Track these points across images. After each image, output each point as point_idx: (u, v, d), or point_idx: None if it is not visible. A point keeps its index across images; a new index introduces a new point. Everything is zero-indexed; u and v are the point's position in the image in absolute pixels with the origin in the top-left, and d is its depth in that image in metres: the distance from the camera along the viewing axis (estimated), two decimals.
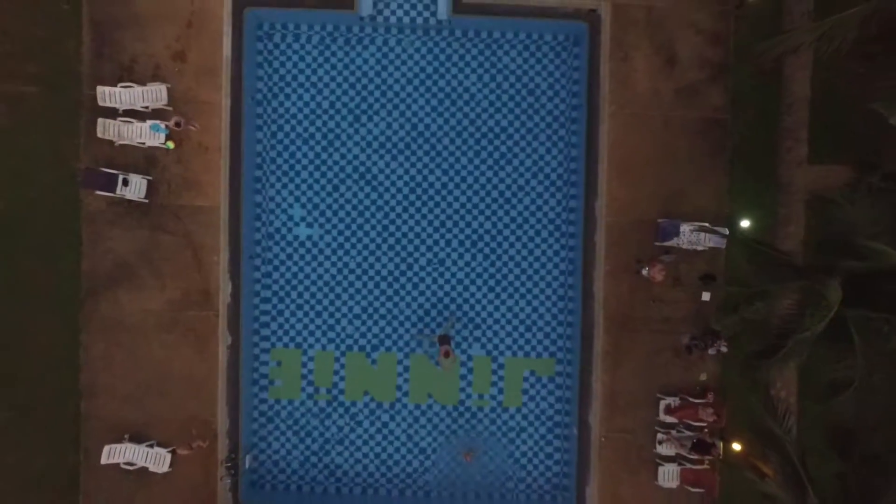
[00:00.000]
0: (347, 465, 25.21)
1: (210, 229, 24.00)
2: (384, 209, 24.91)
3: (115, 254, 24.00)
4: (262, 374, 25.14)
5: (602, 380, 24.18)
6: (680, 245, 23.36)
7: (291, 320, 25.12)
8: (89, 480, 24.13)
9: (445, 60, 24.76)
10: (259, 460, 25.10)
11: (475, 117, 24.83)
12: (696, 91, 23.80)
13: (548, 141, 24.88)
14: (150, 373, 24.14)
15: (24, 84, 23.74)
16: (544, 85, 24.81)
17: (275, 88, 24.73)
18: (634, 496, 24.18)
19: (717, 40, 23.79)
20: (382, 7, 24.37)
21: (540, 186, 24.98)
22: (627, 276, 23.85)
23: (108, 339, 24.10)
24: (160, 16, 23.72)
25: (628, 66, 23.84)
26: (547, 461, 25.16)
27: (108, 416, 24.11)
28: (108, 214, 23.90)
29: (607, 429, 24.25)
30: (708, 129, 23.85)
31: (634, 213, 23.80)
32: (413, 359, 25.28)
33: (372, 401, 25.23)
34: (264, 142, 24.76)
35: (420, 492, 25.04)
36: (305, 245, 25.03)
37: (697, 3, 23.71)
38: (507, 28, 24.46)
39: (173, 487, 24.18)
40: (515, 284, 25.14)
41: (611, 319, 24.08)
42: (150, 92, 23.48)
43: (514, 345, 25.17)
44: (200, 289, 24.08)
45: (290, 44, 24.67)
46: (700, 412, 23.41)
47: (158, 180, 23.79)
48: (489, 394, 25.20)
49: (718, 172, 23.78)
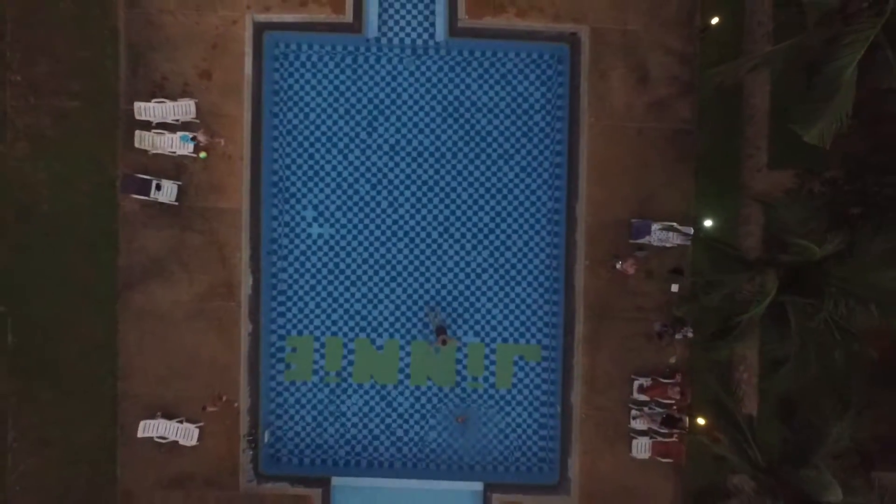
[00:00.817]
0: (356, 440, 28.08)
1: (233, 229, 26.88)
2: (388, 210, 27.75)
3: (149, 251, 26.90)
4: (278, 358, 28.01)
5: (582, 363, 27.02)
6: (651, 242, 26.18)
7: (305, 310, 27.99)
8: (126, 452, 27.03)
9: (443, 77, 27.61)
10: (276, 435, 27.98)
11: (469, 128, 27.67)
12: (666, 105, 26.61)
13: (535, 149, 27.74)
14: (179, 357, 27.01)
15: (69, 100, 26.64)
16: (531, 99, 27.67)
17: (290, 102, 27.61)
18: (611, 466, 27.01)
19: (684, 60, 26.61)
20: (386, 30, 27.27)
21: (528, 190, 27.85)
22: (605, 270, 26.68)
23: (142, 328, 26.99)
24: (189, 39, 26.62)
25: (605, 82, 26.68)
26: (534, 436, 28.02)
27: (142, 395, 27.01)
28: (142, 216, 26.80)
29: (587, 407, 27.08)
30: (676, 139, 26.64)
31: (611, 213, 26.64)
32: (414, 345, 28.15)
33: (377, 382, 28.09)
34: (281, 150, 27.63)
35: (420, 463, 27.90)
36: (317, 242, 27.91)
37: (666, 27, 26.50)
38: (497, 49, 27.33)
39: (201, 459, 27.05)
40: (506, 278, 27.99)
41: (590, 309, 26.92)
42: (179, 107, 26.40)
43: (504, 332, 28.02)
44: (224, 282, 26.97)
45: (303, 62, 27.56)
46: (669, 391, 26.27)
47: (187, 185, 26.68)
48: (482, 376, 28.06)
49: (686, 177, 26.57)
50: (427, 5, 27.10)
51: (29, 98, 26.54)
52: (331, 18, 26.63)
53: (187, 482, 27.04)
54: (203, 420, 26.78)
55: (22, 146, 26.59)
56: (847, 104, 17.43)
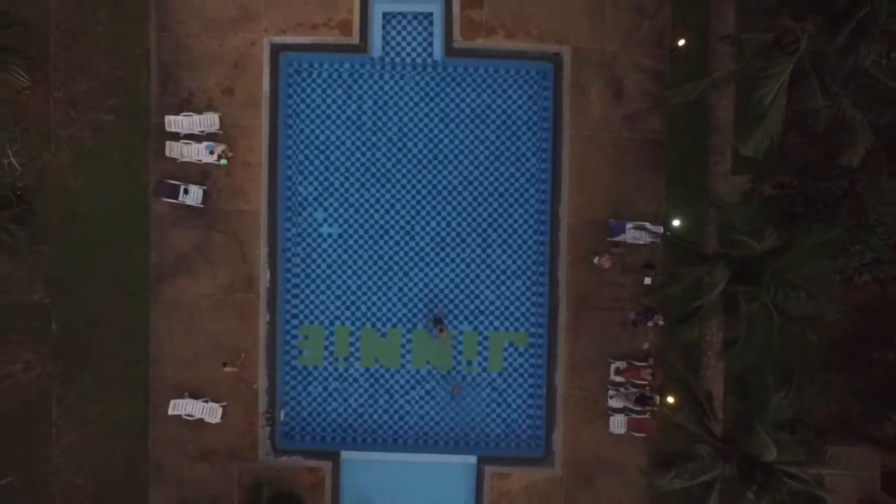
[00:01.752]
0: (362, 418, 31.19)
1: (252, 228, 30.03)
2: (391, 211, 30.83)
3: (177, 248, 30.05)
4: (293, 345, 31.13)
5: (565, 348, 30.10)
6: (626, 240, 29.25)
7: (316, 301, 31.10)
8: (157, 428, 30.15)
9: (440, 91, 30.67)
10: (291, 414, 31.09)
11: (464, 137, 30.72)
12: (639, 117, 29.66)
13: (522, 156, 30.78)
14: (204, 343, 30.15)
15: (105, 114, 29.78)
16: (519, 112, 30.74)
17: (303, 115, 30.70)
18: (591, 440, 30.08)
19: (655, 77, 29.67)
20: (389, 50, 30.40)
21: (517, 193, 30.89)
22: (584, 265, 29.77)
23: (171, 317, 30.13)
24: (213, 59, 29.77)
25: (585, 97, 29.76)
26: (522, 415, 31.09)
27: (171, 377, 30.14)
28: (171, 217, 29.95)
29: (569, 387, 30.16)
30: (649, 147, 29.68)
31: (590, 214, 29.71)
32: (415, 334, 31.24)
33: (381, 367, 31.20)
34: (294, 158, 30.75)
35: (421, 439, 30.99)
36: (327, 241, 31.03)
37: (639, 47, 29.56)
38: (489, 67, 30.41)
39: (223, 434, 30.17)
40: (497, 273, 31.05)
41: (572, 300, 30.00)
42: (205, 119, 29.55)
43: (496, 321, 31.09)
44: (245, 276, 30.13)
45: (315, 79, 30.67)
46: (642, 373, 29.32)
47: (211, 189, 29.81)
48: (476, 361, 31.13)
49: (657, 182, 29.61)
50: (425, 28, 30.23)
51: (70, 112, 29.66)
52: (339, 40, 29.80)
53: (211, 455, 30.18)
54: (224, 398, 29.90)
55: (64, 155, 29.72)
56: (776, 123, 20.50)
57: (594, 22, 29.55)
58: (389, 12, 30.15)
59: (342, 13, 29.72)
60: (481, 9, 29.70)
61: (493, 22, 29.71)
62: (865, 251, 23.79)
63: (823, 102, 20.27)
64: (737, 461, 23.09)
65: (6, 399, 29.82)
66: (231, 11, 29.68)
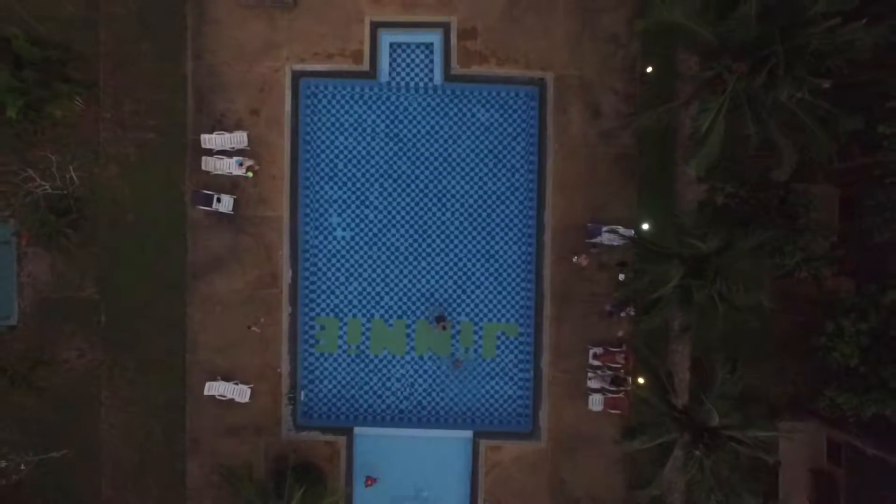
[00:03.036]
0: (372, 399, 35.46)
1: (276, 232, 34.33)
2: (397, 217, 35.08)
3: (211, 250, 34.33)
4: (311, 335, 35.41)
5: (549, 337, 34.35)
6: (602, 242, 33.48)
7: (331, 296, 35.36)
8: (193, 407, 34.42)
9: (440, 111, 34.91)
10: (309, 395, 35.37)
11: (461, 151, 34.94)
12: (613, 134, 33.82)
13: (512, 168, 35.00)
14: (234, 333, 34.41)
15: (148, 132, 33.99)
16: (509, 129, 34.96)
17: (320, 133, 34.94)
18: (573, 417, 34.31)
19: (627, 99, 33.88)
20: (395, 76, 34.68)
21: (507, 200, 35.10)
22: (566, 263, 34.02)
23: (206, 310, 34.41)
24: (241, 84, 34.04)
25: (566, 117, 33.99)
26: (512, 395, 35.35)
27: (205, 363, 34.42)
28: (205, 222, 34.22)
29: (554, 371, 34.41)
30: (622, 160, 33.89)
31: (570, 219, 33.94)
32: (418, 324, 35.49)
33: (389, 353, 35.48)
34: (312, 170, 35.01)
35: (424, 416, 35.27)
36: (341, 243, 35.29)
37: (613, 73, 33.73)
38: (483, 90, 34.66)
39: (252, 412, 34.44)
40: (490, 271, 35.28)
41: (555, 294, 34.25)
42: (235, 137, 33.81)
43: (489, 313, 35.34)
44: (270, 274, 34.42)
45: (330, 101, 34.92)
46: (617, 357, 33.58)
47: (241, 198, 34.08)
48: (472, 348, 35.39)
49: (629, 191, 33.78)
50: (427, 56, 34.52)
51: (117, 131, 33.92)
52: (352, 67, 34.11)
53: (241, 431, 34.47)
54: (252, 380, 34.20)
55: (112, 168, 34.00)
56: (717, 146, 24.78)
57: (573, 51, 33.78)
58: (395, 42, 34.43)
59: (354, 44, 34.01)
60: (476, 40, 33.97)
61: (486, 51, 33.98)
62: (797, 251, 28.04)
63: (755, 129, 24.53)
64: (690, 428, 27.34)
65: (62, 382, 34.06)
66: (257, 42, 33.96)
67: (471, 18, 33.86)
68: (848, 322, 27.74)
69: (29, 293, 34.18)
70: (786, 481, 34.79)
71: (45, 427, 34.02)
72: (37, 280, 34.15)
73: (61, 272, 34.09)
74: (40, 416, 33.86)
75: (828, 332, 28.60)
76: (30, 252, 33.99)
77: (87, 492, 34.60)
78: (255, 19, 33.90)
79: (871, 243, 28.60)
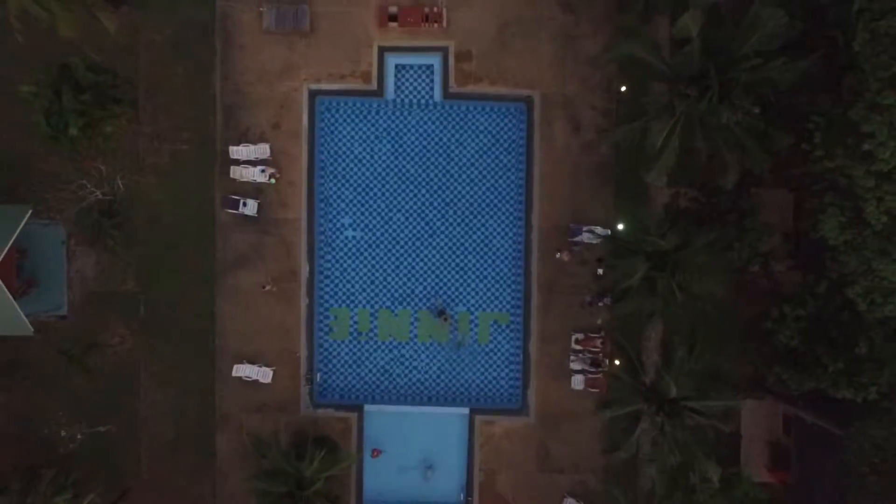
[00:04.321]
0: (380, 380, 39.95)
1: (295, 232, 38.86)
2: (402, 219, 39.54)
3: (237, 248, 38.85)
4: (325, 323, 39.90)
5: (537, 324, 38.86)
6: (582, 240, 37.97)
7: (343, 289, 39.85)
8: (222, 388, 38.97)
9: (440, 125, 39.35)
10: (324, 377, 39.87)
11: (458, 160, 39.40)
12: (593, 145, 38.26)
13: (505, 175, 39.45)
14: (258, 322, 38.92)
15: (182, 144, 38.53)
16: (501, 140, 39.43)
17: (333, 144, 39.41)
18: (557, 395, 38.82)
19: (605, 114, 38.34)
20: (400, 94, 39.16)
21: (499, 203, 39.54)
22: (551, 259, 38.52)
23: (233, 301, 38.92)
24: (264, 101, 38.54)
25: (551, 130, 38.45)
26: (504, 376, 39.84)
27: (233, 348, 38.93)
28: (232, 224, 38.72)
29: (540, 354, 38.92)
30: (601, 168, 38.32)
31: (555, 220, 38.41)
32: (421, 314, 39.97)
33: (394, 340, 39.99)
34: (326, 178, 39.46)
35: (426, 394, 39.75)
36: (352, 242, 39.75)
37: (592, 92, 38.13)
38: (477, 106, 39.13)
39: (273, 392, 38.95)
40: (485, 265, 39.73)
41: (542, 287, 38.76)
42: (258, 149, 38.32)
43: (484, 304, 39.82)
44: (289, 269, 38.96)
45: (342, 116, 39.37)
46: (596, 342, 38.08)
47: (264, 203, 38.58)
48: (469, 335, 39.89)
49: (606, 195, 38.23)
50: (427, 76, 39.00)
51: (154, 143, 38.44)
52: (361, 87, 38.63)
53: (264, 408, 39.00)
54: (274, 363, 38.73)
55: (150, 176, 38.51)
56: (672, 159, 29.33)
57: (557, 72, 38.26)
58: (400, 64, 38.95)
59: (363, 66, 38.53)
60: (471, 62, 38.45)
61: (480, 72, 38.49)
62: (745, 247, 32.52)
63: (703, 144, 29.11)
64: (654, 400, 31.90)
65: (107, 365, 38.59)
66: (278, 65, 38.45)
67: (466, 43, 38.34)
68: (789, 308, 32.22)
69: (77, 287, 38.75)
70: (746, 452, 39.28)
71: (92, 405, 38.64)
72: (84, 275, 38.72)
73: (106, 268, 38.62)
74: (88, 396, 38.42)
75: (773, 317, 33.10)
76: (78, 251, 38.54)
77: (128, 463, 39.14)
78: (275, 44, 38.38)
79: (811, 240, 33.05)
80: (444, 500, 39.76)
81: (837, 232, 28.90)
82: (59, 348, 36.43)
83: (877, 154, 26.51)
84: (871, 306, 29.40)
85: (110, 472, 38.74)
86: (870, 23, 26.36)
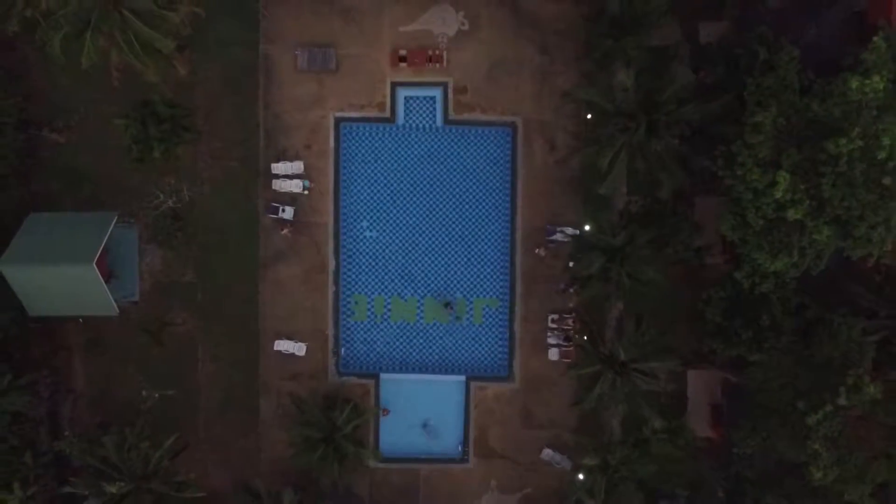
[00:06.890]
0: (393, 353, 48.74)
1: (324, 233, 47.67)
2: (411, 221, 48.28)
3: (276, 246, 47.63)
4: (348, 307, 48.66)
5: (521, 308, 47.71)
6: (557, 239, 46.80)
7: (362, 279, 48.61)
8: (264, 360, 47.71)
9: (441, 146, 48.15)
10: (347, 351, 48.62)
11: (457, 174, 48.18)
12: (565, 162, 47.02)
13: (494, 186, 48.23)
14: (294, 306, 47.69)
15: (231, 161, 47.26)
16: (492, 158, 48.21)
17: (355, 161, 48.18)
18: (538, 365, 47.63)
19: (576, 136, 47.12)
20: (408, 120, 48.00)
21: (490, 209, 48.29)
22: (532, 254, 47.38)
23: (273, 290, 47.65)
24: (298, 126, 47.34)
25: (531, 148, 47.30)
26: (494, 349, 48.63)
27: (274, 327, 47.63)
28: (273, 226, 47.48)
29: (523, 332, 47.75)
30: (572, 181, 47.11)
31: (535, 222, 47.27)
32: (426, 300, 48.77)
33: (404, 321, 48.80)
34: (349, 189, 48.20)
35: (430, 364, 48.47)
36: (370, 241, 48.53)
37: (566, 118, 46.85)
38: (472, 130, 47.95)
39: (306, 363, 47.62)
40: (479, 260, 48.52)
41: (524, 276, 47.62)
42: (294, 165, 47.15)
43: (477, 291, 48.61)
44: (319, 263, 47.78)
45: (362, 138, 48.14)
46: (568, 321, 46.91)
47: (299, 209, 47.37)
48: (465, 316, 48.67)
49: (577, 202, 47.00)
50: (431, 106, 47.82)
51: (209, 160, 47.18)
52: (377, 115, 47.50)
53: (298, 376, 47.73)
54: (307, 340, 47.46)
55: (206, 188, 47.26)
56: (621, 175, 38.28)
57: (536, 102, 47.13)
58: (408, 96, 47.80)
59: (379, 98, 47.38)
60: (466, 94, 47.33)
61: (474, 102, 47.38)
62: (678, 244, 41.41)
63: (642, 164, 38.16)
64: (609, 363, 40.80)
65: (172, 343, 47.38)
66: (310, 97, 47.28)
67: (463, 79, 47.23)
68: (714, 291, 41.21)
69: (146, 278, 47.52)
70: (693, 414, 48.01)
71: (160, 375, 47.36)
72: (152, 268, 47.51)
73: (170, 262, 47.41)
74: (157, 366, 47.21)
75: (703, 299, 42.08)
76: (147, 248, 47.34)
77: (188, 423, 47.75)
78: (308, 80, 47.21)
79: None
80: (445, 451, 48.58)
81: (732, 231, 37.92)
82: (142, 326, 45.34)
83: (747, 177, 35.48)
84: (753, 286, 38.22)
85: (173, 429, 47.34)
86: (758, 77, 35.57)
